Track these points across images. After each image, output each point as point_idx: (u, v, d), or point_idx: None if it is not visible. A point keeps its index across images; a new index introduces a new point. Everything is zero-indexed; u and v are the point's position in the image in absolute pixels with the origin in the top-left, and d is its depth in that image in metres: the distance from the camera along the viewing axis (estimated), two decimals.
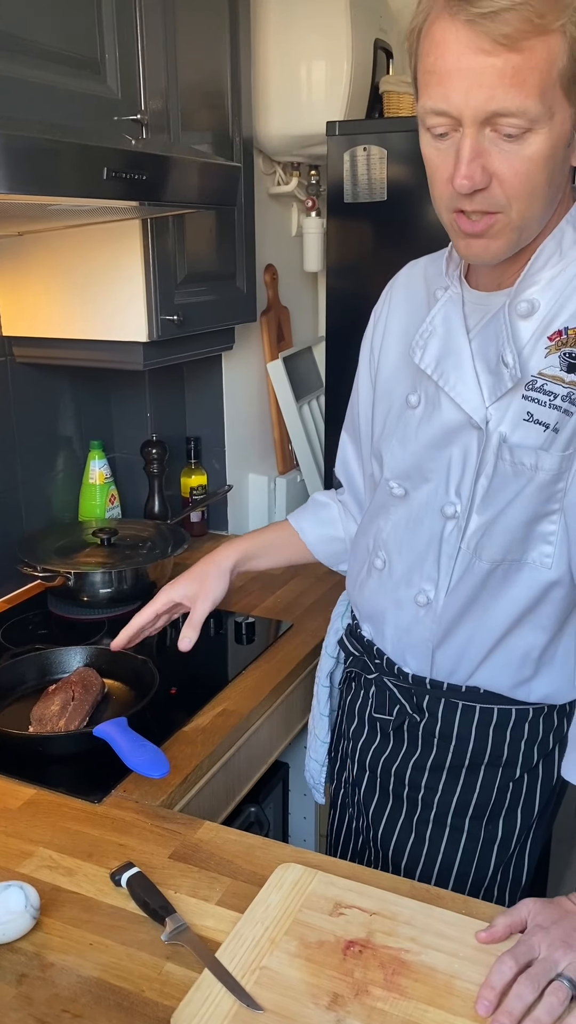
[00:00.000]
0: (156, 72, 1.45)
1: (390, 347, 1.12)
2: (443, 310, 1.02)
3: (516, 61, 0.78)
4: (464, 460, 1.00)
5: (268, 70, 1.97)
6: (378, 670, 1.17)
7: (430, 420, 1.03)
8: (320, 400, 2.35)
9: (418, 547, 1.07)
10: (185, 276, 1.63)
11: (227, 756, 1.30)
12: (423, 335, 1.03)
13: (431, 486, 1.04)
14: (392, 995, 0.82)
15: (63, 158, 1.03)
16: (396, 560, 1.10)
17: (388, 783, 1.17)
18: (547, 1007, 0.79)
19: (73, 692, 1.29)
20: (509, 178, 0.84)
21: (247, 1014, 0.80)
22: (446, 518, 1.03)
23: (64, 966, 0.87)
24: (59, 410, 1.90)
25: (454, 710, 1.10)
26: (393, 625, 1.12)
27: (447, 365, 1.00)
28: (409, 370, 1.07)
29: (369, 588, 1.15)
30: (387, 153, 1.85)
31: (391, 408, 1.10)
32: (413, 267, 1.16)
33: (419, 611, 1.08)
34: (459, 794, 1.12)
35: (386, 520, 1.11)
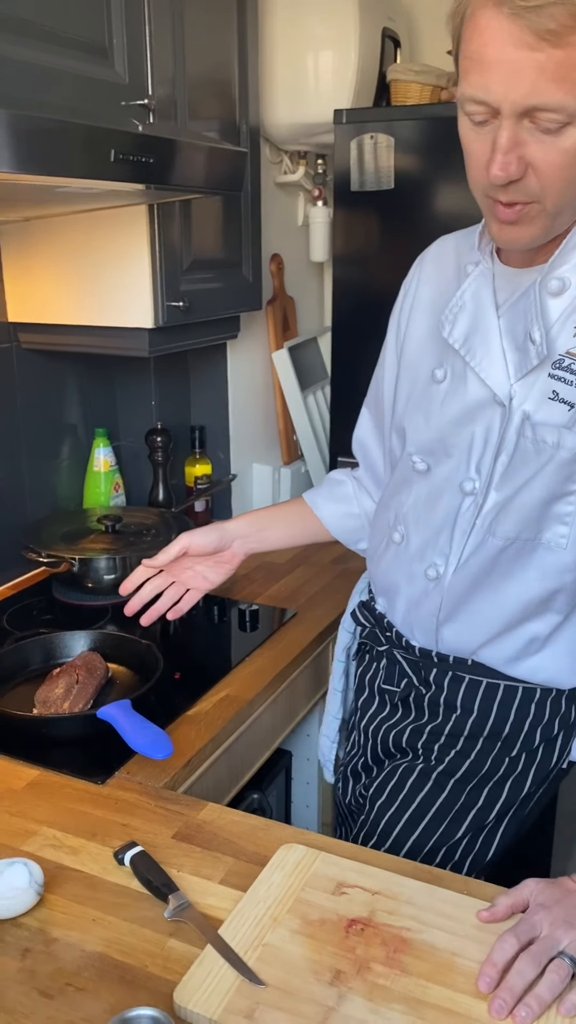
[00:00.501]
0: (164, 58, 1.45)
1: (418, 320, 1.12)
2: (473, 285, 1.02)
3: (559, 57, 0.77)
4: (486, 437, 1.00)
5: (275, 58, 1.97)
6: (388, 642, 1.19)
7: (455, 395, 1.03)
8: (325, 390, 2.35)
9: (435, 522, 1.08)
10: (191, 263, 1.64)
11: (230, 741, 1.30)
12: (452, 309, 1.03)
13: (453, 462, 1.04)
14: (394, 972, 0.82)
15: (71, 139, 1.03)
16: (413, 534, 1.11)
17: (387, 748, 1.19)
18: (548, 984, 0.79)
19: (77, 675, 1.29)
20: (545, 169, 0.84)
21: (249, 989, 0.80)
22: (464, 494, 1.04)
23: (68, 941, 0.88)
24: (64, 398, 1.90)
25: (459, 683, 1.12)
26: (405, 598, 1.13)
27: (475, 340, 1.00)
28: (436, 344, 1.07)
29: (386, 561, 1.16)
30: (394, 141, 1.85)
31: (416, 382, 1.10)
32: (444, 242, 1.15)
33: (428, 585, 1.09)
34: (452, 758, 1.13)
35: (408, 495, 1.11)
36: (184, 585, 1.30)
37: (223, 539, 1.26)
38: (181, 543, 1.24)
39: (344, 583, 1.78)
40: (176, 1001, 0.79)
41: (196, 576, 1.30)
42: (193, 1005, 0.79)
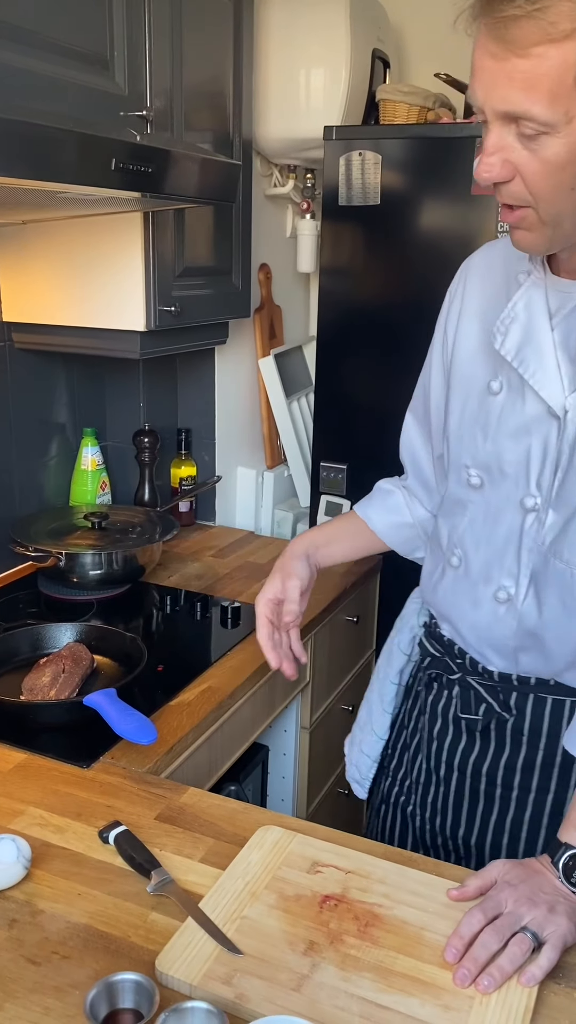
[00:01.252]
0: (162, 71, 1.50)
1: (467, 330, 1.09)
2: (525, 296, 1.00)
3: (524, 67, 0.79)
4: (544, 451, 0.98)
5: (269, 75, 2.03)
6: (461, 670, 1.14)
7: (512, 408, 1.01)
8: (309, 397, 2.41)
9: (497, 541, 1.04)
10: (183, 270, 1.68)
11: (211, 731, 1.35)
12: (504, 321, 1.01)
13: (509, 480, 1.02)
14: (365, 944, 0.87)
15: (75, 148, 1.08)
16: (473, 556, 1.07)
17: (479, 784, 1.13)
18: (510, 956, 0.84)
19: (64, 665, 1.33)
20: (529, 176, 0.85)
21: (228, 957, 0.84)
22: (526, 511, 1.01)
23: (53, 913, 0.92)
24: (54, 397, 1.94)
25: (543, 705, 1.07)
26: (471, 624, 1.09)
27: (528, 352, 0.98)
28: (489, 355, 1.04)
29: (444, 588, 1.12)
30: (381, 159, 1.91)
31: (470, 394, 1.07)
32: (491, 248, 1.12)
33: (499, 608, 1.05)
34: (554, 792, 1.08)
35: (462, 516, 1.09)
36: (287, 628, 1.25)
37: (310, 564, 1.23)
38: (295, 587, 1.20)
39: (324, 583, 1.83)
40: (158, 968, 0.83)
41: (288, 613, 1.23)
42: (174, 972, 0.83)
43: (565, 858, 0.91)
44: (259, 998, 0.80)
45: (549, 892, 0.89)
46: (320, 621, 1.72)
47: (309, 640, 1.70)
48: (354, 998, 0.81)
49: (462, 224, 1.87)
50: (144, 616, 1.71)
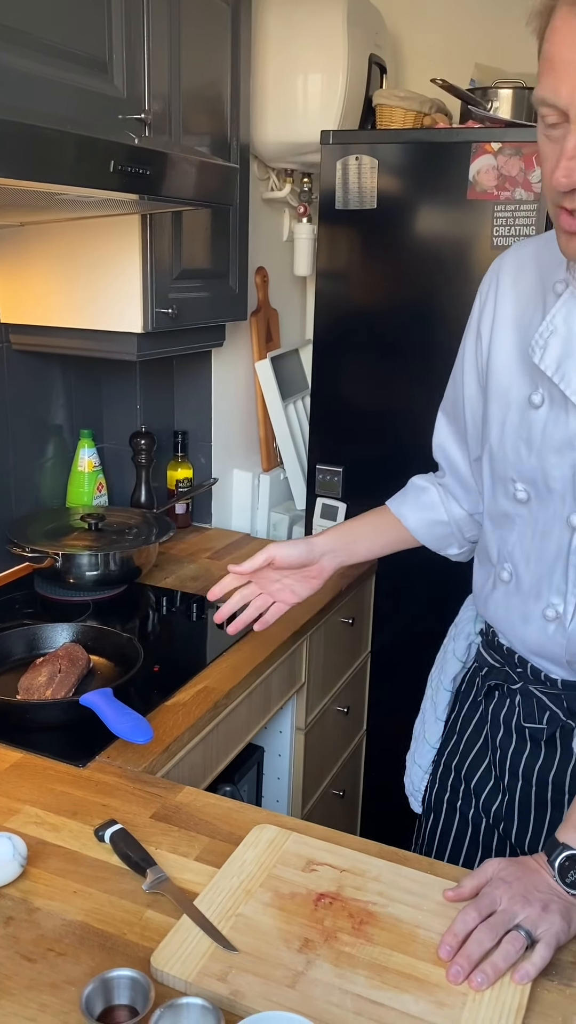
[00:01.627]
0: (160, 75, 1.51)
1: (503, 338, 1.07)
2: (564, 308, 0.97)
3: None
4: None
5: (266, 79, 2.04)
6: (522, 679, 1.12)
7: (556, 423, 0.99)
8: (305, 400, 2.42)
9: (547, 558, 1.03)
10: (180, 272, 1.69)
11: (207, 731, 1.35)
12: (543, 334, 0.98)
13: (556, 496, 1.01)
14: (359, 941, 0.87)
15: (73, 149, 1.09)
16: (523, 572, 1.06)
17: (545, 792, 1.12)
18: (503, 953, 0.84)
19: (60, 665, 1.33)
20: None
21: (223, 954, 0.85)
22: (573, 529, 1.00)
23: (49, 911, 0.92)
24: (51, 399, 1.95)
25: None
26: (523, 639, 1.09)
27: (569, 366, 0.96)
28: (527, 366, 1.02)
29: (495, 600, 1.12)
30: (378, 163, 1.92)
31: (510, 406, 1.05)
32: (521, 250, 1.09)
33: (548, 626, 1.04)
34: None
35: (510, 530, 1.07)
36: (271, 597, 1.28)
37: (311, 553, 1.23)
38: (268, 553, 1.21)
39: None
40: (153, 965, 0.84)
41: (284, 589, 1.27)
42: (170, 968, 0.83)
43: (561, 858, 0.91)
44: (254, 994, 0.80)
45: (543, 890, 0.90)
46: (315, 623, 1.73)
47: (304, 641, 1.71)
48: (348, 994, 0.81)
49: (458, 228, 1.88)
50: (140, 617, 1.71)
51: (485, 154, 1.81)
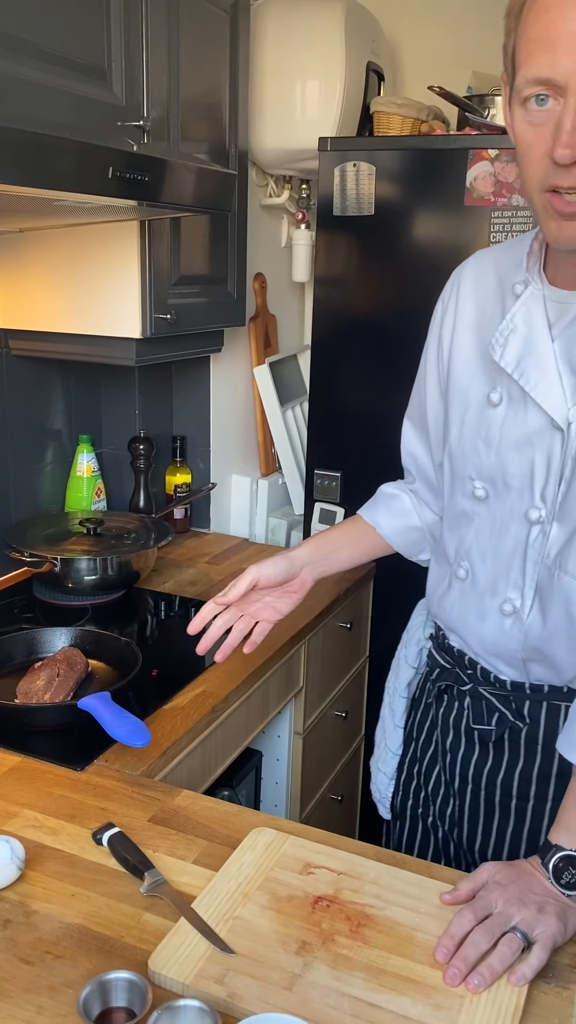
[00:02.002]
0: (159, 82, 1.52)
1: (462, 341, 1.09)
2: (524, 307, 0.99)
3: None
4: (548, 464, 0.98)
5: (264, 86, 2.05)
6: (472, 680, 1.13)
7: (514, 420, 1.01)
8: (303, 406, 2.42)
9: (503, 554, 1.04)
10: (179, 278, 1.70)
11: (204, 734, 1.35)
12: (503, 332, 1.00)
13: (514, 492, 1.02)
14: (357, 943, 0.88)
15: (72, 156, 1.09)
16: (480, 569, 1.07)
17: (494, 795, 1.13)
18: (500, 955, 0.84)
19: (58, 669, 1.34)
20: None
21: (220, 957, 0.85)
22: (531, 523, 1.01)
23: (47, 913, 0.92)
24: (50, 404, 1.95)
25: (557, 713, 1.08)
26: (478, 636, 1.09)
27: (528, 364, 0.97)
28: (486, 366, 1.04)
29: (451, 599, 1.13)
30: (376, 170, 1.93)
31: (469, 405, 1.07)
32: (482, 258, 1.12)
33: (505, 621, 1.06)
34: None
35: (468, 528, 1.09)
36: (254, 617, 1.26)
37: (292, 568, 1.21)
38: (250, 576, 1.18)
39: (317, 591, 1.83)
40: (151, 967, 0.84)
41: (265, 608, 1.25)
42: (167, 971, 0.83)
43: (555, 859, 0.91)
44: (251, 997, 0.81)
45: (539, 893, 0.90)
46: (313, 627, 1.73)
47: (302, 646, 1.71)
48: (345, 997, 0.81)
49: (455, 234, 1.89)
50: (139, 621, 1.71)
51: (482, 160, 1.82)
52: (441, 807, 1.21)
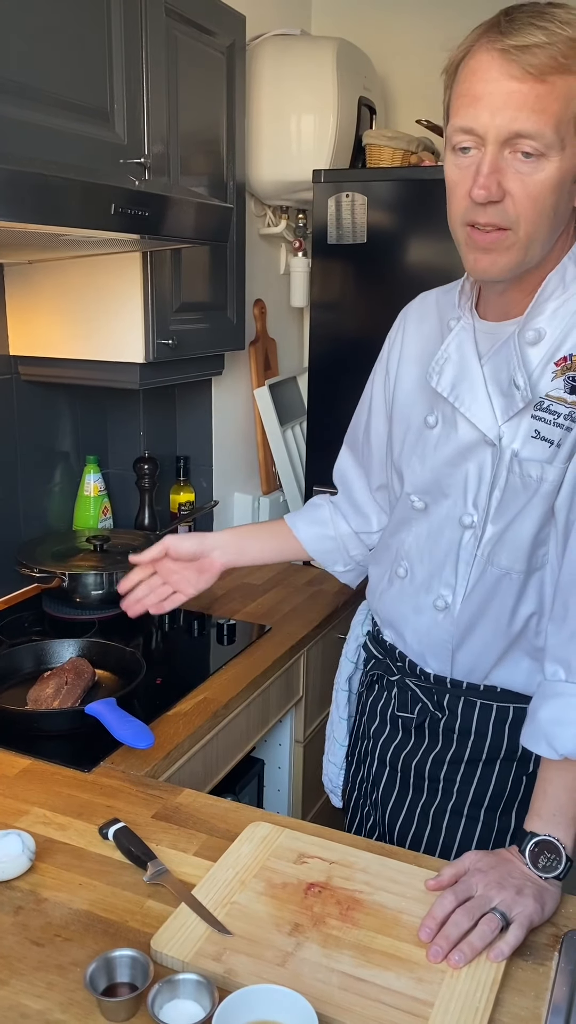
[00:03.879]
0: (159, 120, 1.61)
1: (406, 371, 1.21)
2: (457, 338, 1.11)
3: (540, 90, 0.90)
4: (480, 474, 1.09)
5: (261, 121, 2.14)
6: (400, 672, 1.24)
7: (448, 439, 1.11)
8: (303, 426, 2.50)
9: (438, 555, 1.15)
10: (180, 305, 1.78)
11: (206, 739, 1.41)
12: (439, 361, 1.11)
13: (450, 500, 1.12)
14: (346, 925, 0.93)
15: (76, 194, 1.18)
16: (417, 568, 1.18)
17: (408, 777, 1.24)
18: (479, 934, 0.90)
19: (66, 678, 1.40)
20: (520, 197, 0.94)
21: (218, 938, 0.91)
22: (464, 528, 1.12)
23: (56, 901, 0.98)
24: (58, 427, 2.03)
25: (472, 708, 1.18)
26: (413, 629, 1.20)
27: (462, 388, 1.09)
28: (425, 393, 1.15)
29: (390, 596, 1.23)
30: (368, 200, 2.02)
31: (409, 428, 1.19)
32: (425, 298, 1.25)
33: (438, 615, 1.16)
34: (476, 786, 1.19)
35: (408, 532, 1.19)
36: (172, 587, 1.37)
37: (203, 545, 1.34)
38: (164, 543, 1.34)
39: (316, 603, 1.91)
40: (153, 947, 0.90)
41: (182, 580, 1.36)
42: (168, 950, 0.89)
43: (531, 845, 0.97)
44: (246, 972, 0.86)
45: (517, 877, 0.96)
46: (312, 638, 1.79)
47: (302, 656, 1.77)
48: (335, 972, 0.87)
49: (444, 261, 1.96)
50: (144, 634, 1.78)
51: None
52: (371, 792, 1.31)
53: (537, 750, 1.01)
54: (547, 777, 1.02)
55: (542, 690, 1.04)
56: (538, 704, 1.03)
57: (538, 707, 1.03)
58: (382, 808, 1.28)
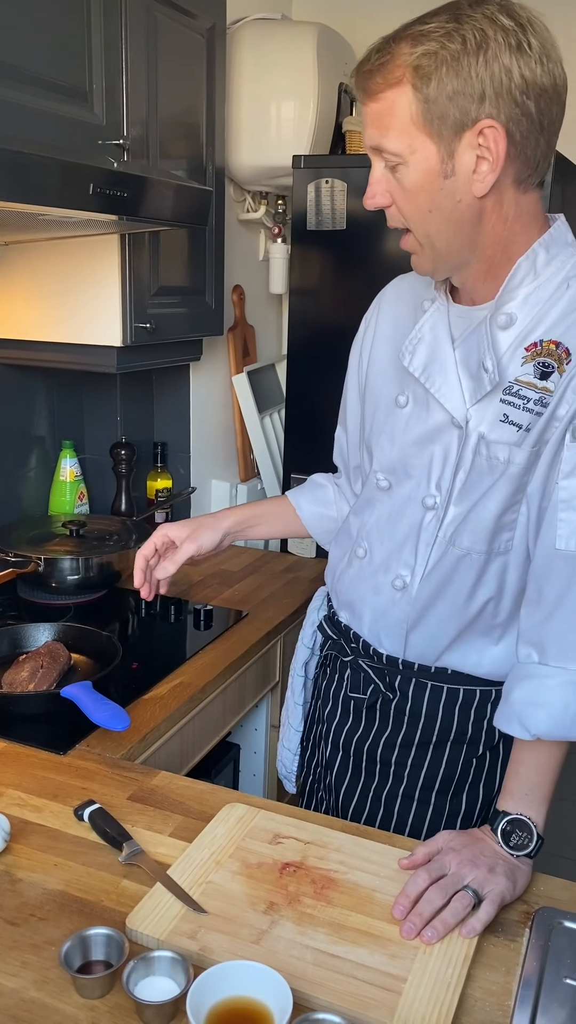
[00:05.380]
0: (138, 102, 1.59)
1: (379, 351, 1.22)
2: (430, 320, 1.12)
3: (376, 108, 0.97)
4: (445, 456, 1.10)
5: (241, 106, 2.13)
6: (354, 653, 1.25)
7: (418, 419, 1.13)
8: (281, 413, 2.50)
9: (398, 536, 1.16)
10: (158, 289, 1.77)
11: (183, 722, 1.41)
12: (412, 341, 1.12)
13: (413, 481, 1.14)
14: (320, 903, 0.94)
15: (55, 173, 1.17)
16: (377, 548, 1.19)
17: (360, 761, 1.25)
18: (452, 910, 0.91)
19: (42, 661, 1.40)
20: (400, 202, 1.01)
21: (193, 916, 0.91)
22: (426, 509, 1.13)
23: (31, 881, 0.98)
24: (34, 411, 2.02)
25: (423, 690, 1.19)
26: (371, 609, 1.21)
27: (433, 369, 1.10)
28: (397, 373, 1.16)
29: (349, 576, 1.24)
30: (348, 186, 2.02)
31: (378, 406, 1.20)
32: (401, 281, 1.26)
33: (395, 595, 1.17)
34: (427, 768, 1.20)
35: (370, 513, 1.20)
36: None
37: (222, 538, 1.32)
38: (188, 552, 1.28)
39: (294, 588, 1.92)
40: (128, 926, 0.90)
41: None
42: (144, 928, 0.89)
43: (503, 824, 0.99)
44: (221, 950, 0.87)
45: (490, 855, 0.97)
46: (289, 624, 1.80)
47: (278, 641, 1.78)
48: (309, 949, 0.88)
49: None
50: (120, 619, 1.77)
51: None
52: (324, 776, 1.32)
53: (510, 731, 1.02)
54: (519, 758, 1.03)
55: (515, 672, 1.05)
56: (511, 686, 1.05)
57: (511, 689, 1.04)
58: (335, 792, 1.29)
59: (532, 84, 0.93)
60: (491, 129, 0.93)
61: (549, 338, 1.01)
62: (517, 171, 0.97)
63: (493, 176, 0.96)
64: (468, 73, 0.91)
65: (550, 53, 0.94)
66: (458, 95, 0.92)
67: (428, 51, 0.92)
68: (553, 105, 0.96)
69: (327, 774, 1.31)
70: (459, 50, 0.91)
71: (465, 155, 0.95)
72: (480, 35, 0.91)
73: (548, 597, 1.02)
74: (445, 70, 0.92)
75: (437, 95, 0.92)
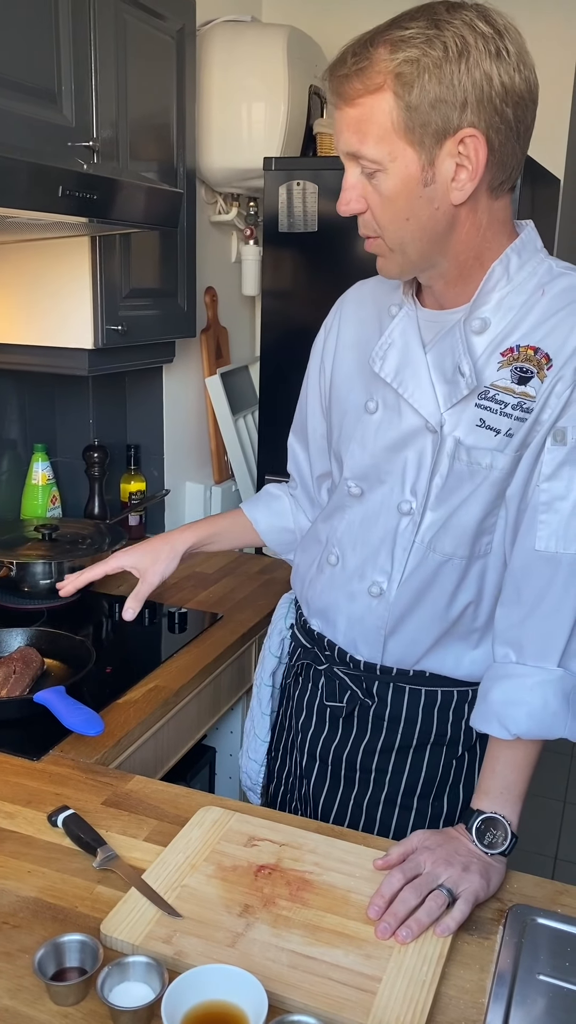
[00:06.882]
0: (108, 104, 1.59)
1: (343, 358, 1.21)
2: (400, 325, 1.11)
3: (354, 114, 0.95)
4: (419, 461, 1.09)
5: (211, 108, 2.13)
6: (328, 661, 1.24)
7: (389, 424, 1.11)
8: (255, 415, 2.50)
9: (372, 542, 1.15)
10: (130, 291, 1.77)
11: (157, 727, 1.41)
12: (382, 347, 1.11)
13: (386, 487, 1.12)
14: (296, 905, 0.94)
15: (23, 176, 1.16)
16: (350, 555, 1.17)
17: (339, 769, 1.24)
18: (426, 909, 0.92)
19: (14, 667, 1.39)
20: (376, 208, 0.99)
21: (168, 920, 0.91)
22: (401, 514, 1.11)
23: (4, 888, 0.97)
24: (5, 414, 2.00)
25: (402, 694, 1.18)
26: (346, 616, 1.19)
27: (405, 374, 1.09)
28: (364, 378, 1.15)
29: (321, 584, 1.22)
30: (319, 188, 2.02)
31: (346, 413, 1.18)
32: (362, 286, 1.25)
33: (372, 601, 1.16)
34: (408, 773, 1.20)
35: (340, 520, 1.19)
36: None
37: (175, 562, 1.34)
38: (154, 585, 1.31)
39: (268, 591, 1.92)
40: (103, 931, 0.89)
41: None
42: (118, 934, 0.89)
43: (477, 822, 0.99)
44: (196, 954, 0.87)
45: (464, 854, 0.98)
46: (263, 626, 1.78)
47: (252, 644, 1.78)
48: (284, 951, 0.88)
49: None
50: (94, 623, 1.76)
51: None
52: (300, 789, 1.31)
53: (488, 730, 1.03)
54: (495, 756, 1.04)
55: (492, 672, 1.05)
56: (489, 686, 1.05)
57: (489, 688, 1.05)
58: (313, 802, 1.27)
59: (511, 91, 0.93)
60: (472, 138, 0.93)
61: (526, 343, 1.01)
62: (492, 178, 0.97)
63: (472, 185, 0.95)
64: (451, 80, 0.91)
65: (525, 59, 0.94)
66: (440, 103, 0.91)
67: (409, 58, 0.91)
68: (528, 112, 0.96)
69: (302, 784, 1.30)
70: (441, 57, 0.90)
71: (445, 163, 0.95)
72: (461, 42, 0.90)
73: (527, 597, 1.03)
74: (427, 77, 0.91)
75: (419, 102, 0.92)
